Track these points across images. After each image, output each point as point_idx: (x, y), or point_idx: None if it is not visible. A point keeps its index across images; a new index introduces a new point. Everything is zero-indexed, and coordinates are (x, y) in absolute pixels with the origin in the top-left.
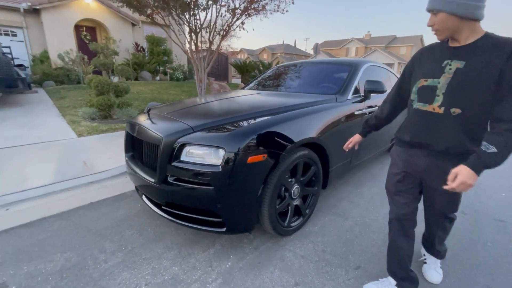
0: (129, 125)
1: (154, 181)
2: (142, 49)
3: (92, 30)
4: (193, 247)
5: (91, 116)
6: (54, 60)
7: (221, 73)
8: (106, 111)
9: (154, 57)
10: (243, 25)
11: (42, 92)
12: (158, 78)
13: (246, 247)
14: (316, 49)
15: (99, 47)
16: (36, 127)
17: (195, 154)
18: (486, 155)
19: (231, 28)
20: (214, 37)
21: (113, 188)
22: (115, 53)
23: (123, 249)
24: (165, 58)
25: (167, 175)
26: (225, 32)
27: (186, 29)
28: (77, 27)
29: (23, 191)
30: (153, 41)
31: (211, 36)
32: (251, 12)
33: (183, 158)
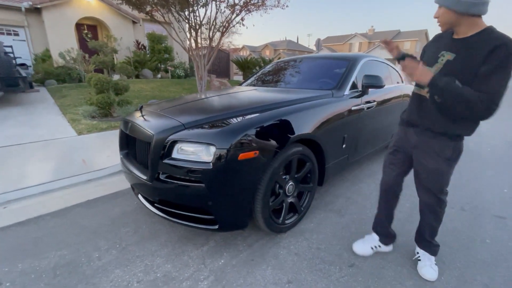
0: (123, 122)
1: (146, 178)
2: (143, 47)
3: (93, 28)
4: (187, 245)
5: (91, 114)
6: (55, 59)
7: (223, 70)
8: (106, 109)
9: (155, 54)
10: (242, 21)
11: (44, 91)
12: (159, 76)
13: (240, 244)
14: (318, 44)
15: (98, 45)
16: (36, 125)
17: (186, 151)
18: (453, 81)
19: (231, 24)
20: (214, 33)
21: (110, 186)
22: (114, 51)
23: (117, 246)
24: (166, 55)
25: (159, 172)
26: (225, 28)
27: (185, 26)
28: (79, 26)
29: (21, 189)
30: (154, 38)
31: (211, 32)
32: (250, 7)
33: (175, 155)
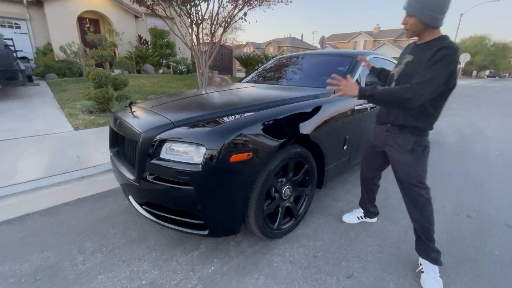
0: (112, 119)
1: (133, 179)
2: (145, 42)
3: (95, 22)
4: (176, 249)
5: (89, 109)
6: (57, 52)
7: (225, 67)
8: (104, 104)
9: (157, 50)
10: (245, 16)
11: (44, 84)
12: (161, 71)
13: (232, 250)
14: (322, 42)
15: (97, 38)
16: (34, 120)
17: (175, 151)
18: (375, 87)
19: (233, 19)
20: (216, 29)
21: (103, 183)
22: (113, 44)
23: (103, 249)
24: (168, 51)
25: (146, 173)
26: (227, 24)
27: (187, 21)
28: (81, 20)
29: (11, 186)
30: (156, 33)
31: (212, 28)
32: (253, 2)
33: (163, 155)
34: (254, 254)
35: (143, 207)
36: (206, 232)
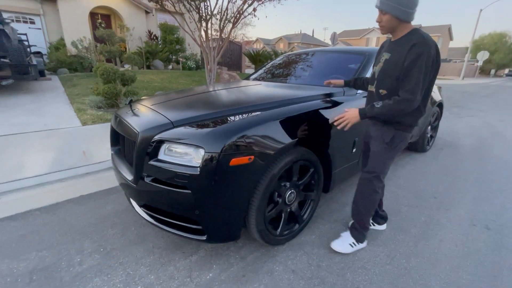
0: (113, 116)
1: (131, 179)
2: (155, 37)
3: (107, 17)
4: (175, 252)
5: (97, 104)
6: (69, 47)
7: (235, 63)
8: (112, 100)
9: (166, 45)
10: (254, 11)
11: (55, 79)
12: (170, 67)
13: (232, 256)
14: (333, 38)
15: (106, 34)
16: (43, 114)
17: (173, 152)
18: (373, 107)
19: (242, 15)
20: (225, 24)
21: (106, 180)
22: (122, 40)
23: (101, 250)
24: (178, 46)
25: (144, 174)
26: (236, 19)
27: (196, 16)
28: (93, 15)
29: (16, 181)
30: (166, 29)
31: (221, 23)
32: None
33: (161, 156)
34: (254, 261)
35: (142, 208)
36: (204, 237)
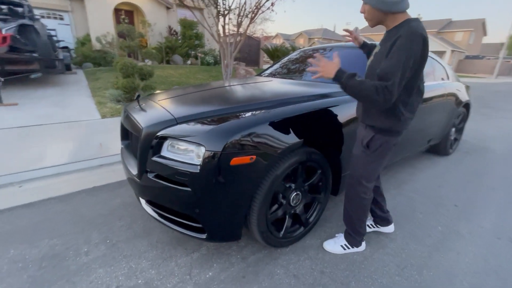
0: (123, 111)
1: (135, 174)
2: (175, 33)
3: (130, 13)
4: (177, 248)
5: (116, 98)
6: (94, 43)
7: (253, 58)
8: (131, 94)
9: (186, 41)
10: (272, 6)
11: (80, 73)
12: (189, 62)
13: (233, 256)
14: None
15: (126, 29)
16: (67, 106)
17: (175, 149)
18: (353, 76)
19: (260, 9)
20: (242, 20)
21: (119, 173)
22: (141, 35)
23: (108, 242)
24: (197, 42)
25: (147, 170)
26: (254, 14)
27: (214, 11)
28: (117, 11)
29: (37, 170)
30: (186, 24)
31: (239, 19)
32: None
33: (164, 153)
34: (256, 262)
35: (146, 203)
36: (204, 236)
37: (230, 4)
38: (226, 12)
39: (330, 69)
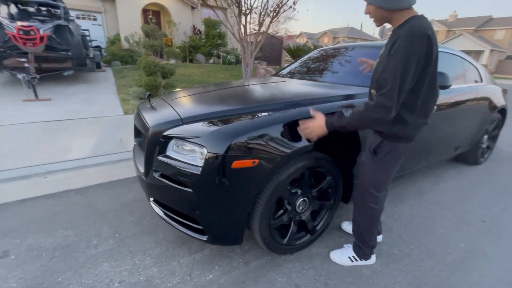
0: (136, 109)
1: (142, 172)
2: (199, 32)
3: (157, 14)
4: (181, 247)
5: (139, 95)
6: (123, 42)
7: (275, 58)
8: (153, 92)
9: (209, 40)
10: (294, 4)
11: (109, 70)
12: (211, 61)
13: (235, 259)
14: (382, 32)
15: (149, 29)
16: (94, 103)
17: (180, 149)
18: (341, 116)
19: (282, 8)
20: (264, 19)
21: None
22: (164, 35)
23: (116, 236)
24: (220, 41)
25: (153, 169)
26: (276, 13)
27: (236, 10)
28: (145, 11)
29: (61, 162)
30: (209, 24)
31: (260, 18)
32: None
33: (169, 152)
34: (258, 268)
35: (153, 201)
36: (205, 238)
37: (252, 3)
38: (248, 11)
39: (318, 124)
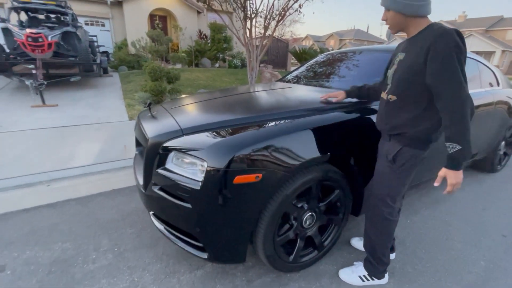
0: (137, 118)
1: (142, 184)
2: (204, 36)
3: (163, 18)
4: (181, 263)
5: (144, 100)
6: (129, 47)
7: (280, 61)
8: (158, 97)
9: (215, 44)
10: (300, 8)
11: (116, 76)
12: (217, 65)
13: (238, 277)
14: (389, 35)
15: (155, 34)
16: (100, 108)
17: (180, 162)
18: (455, 154)
19: (287, 12)
20: (269, 22)
21: None
22: (170, 40)
23: (115, 250)
24: (225, 45)
25: (152, 182)
26: (281, 17)
27: (241, 14)
28: (151, 17)
29: (64, 170)
30: (215, 28)
31: (266, 21)
32: None
33: (168, 165)
34: (261, 287)
35: (152, 214)
36: (205, 256)
37: (257, 7)
38: (253, 15)
39: (457, 177)
